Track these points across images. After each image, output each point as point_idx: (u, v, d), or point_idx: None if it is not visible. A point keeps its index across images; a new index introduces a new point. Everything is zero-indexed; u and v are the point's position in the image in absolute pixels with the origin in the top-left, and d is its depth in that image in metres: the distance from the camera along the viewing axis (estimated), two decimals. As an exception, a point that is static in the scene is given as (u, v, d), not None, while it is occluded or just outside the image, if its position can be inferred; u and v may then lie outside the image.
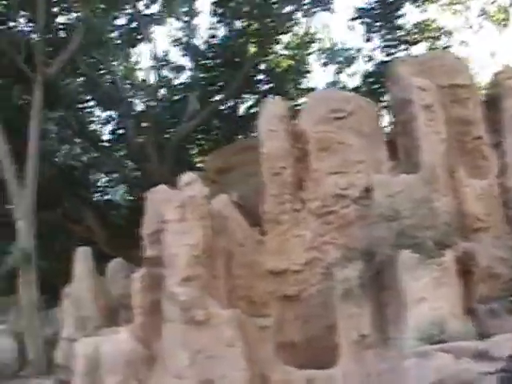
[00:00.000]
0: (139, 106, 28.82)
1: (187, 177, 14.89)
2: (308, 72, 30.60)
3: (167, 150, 25.74)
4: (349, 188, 16.30)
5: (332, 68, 32.27)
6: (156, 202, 14.96)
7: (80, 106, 28.59)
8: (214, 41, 28.23)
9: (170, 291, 13.68)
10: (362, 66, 30.69)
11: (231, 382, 13.01)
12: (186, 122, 26.11)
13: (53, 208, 23.00)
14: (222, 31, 28.67)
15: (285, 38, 29.71)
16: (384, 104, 24.16)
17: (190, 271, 13.51)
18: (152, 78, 28.81)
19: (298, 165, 16.57)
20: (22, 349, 18.88)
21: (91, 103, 29.38)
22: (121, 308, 17.24)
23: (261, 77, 29.34)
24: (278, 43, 29.02)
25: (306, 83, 30.71)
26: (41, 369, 18.24)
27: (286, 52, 30.19)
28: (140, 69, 30.99)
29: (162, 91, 29.23)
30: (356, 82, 30.78)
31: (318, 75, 43.00)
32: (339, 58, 31.62)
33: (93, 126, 30.14)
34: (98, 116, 30.50)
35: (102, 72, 28.17)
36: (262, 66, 29.50)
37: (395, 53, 27.22)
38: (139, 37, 28.58)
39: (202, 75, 28.33)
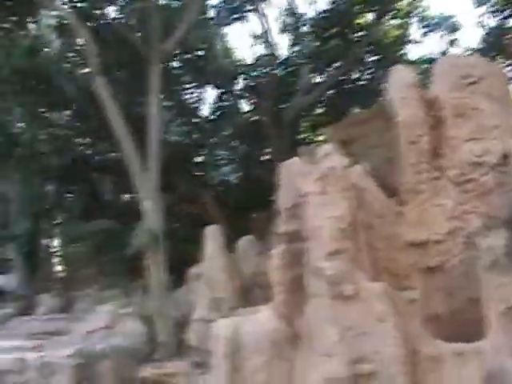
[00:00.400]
0: (246, 83, 28.41)
1: (326, 148, 14.43)
2: (415, 42, 29.84)
3: (284, 125, 25.38)
4: (485, 155, 15.64)
5: (434, 37, 31.49)
6: (291, 175, 14.55)
7: (186, 86, 28.28)
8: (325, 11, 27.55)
9: (315, 266, 13.21)
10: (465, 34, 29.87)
11: (384, 359, 12.50)
12: (300, 96, 25.71)
13: (168, 189, 22.83)
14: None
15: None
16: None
17: (336, 244, 13.03)
18: (261, 53, 28.44)
19: (432, 132, 15.96)
20: (150, 332, 18.73)
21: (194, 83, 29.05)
22: (255, 286, 16.94)
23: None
24: (389, 12, 28.26)
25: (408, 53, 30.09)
26: (172, 351, 18.06)
27: (393, 22, 29.39)
28: (235, 48, 30.68)
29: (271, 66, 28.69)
30: (459, 49, 30.01)
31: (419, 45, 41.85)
32: (443, 26, 30.74)
33: (198, 105, 29.85)
34: (196, 94, 30.25)
35: (205, 51, 27.82)
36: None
37: (508, 17, 26.33)
38: (237, 15, 28.23)
39: (314, 47, 27.80)
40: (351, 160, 15.17)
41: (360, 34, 26.96)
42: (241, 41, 48.03)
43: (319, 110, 29.60)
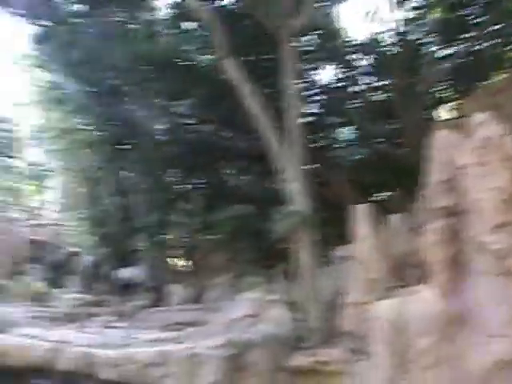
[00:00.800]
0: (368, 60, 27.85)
1: (480, 117, 13.83)
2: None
3: (412, 100, 24.83)
4: None
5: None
6: (442, 147, 14.04)
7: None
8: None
9: (478, 241, 12.69)
10: None
11: (560, 338, 11.91)
12: (427, 71, 25.09)
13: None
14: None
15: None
16: None
17: (501, 217, 12.45)
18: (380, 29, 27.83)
19: None
20: (300, 318, 18.49)
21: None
22: (407, 266, 16.49)
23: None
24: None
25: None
26: (323, 338, 17.75)
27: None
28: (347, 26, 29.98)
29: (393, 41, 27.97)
30: None
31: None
32: None
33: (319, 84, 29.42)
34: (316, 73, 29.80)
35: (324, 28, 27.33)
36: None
37: None
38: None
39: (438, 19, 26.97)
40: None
41: (482, 2, 25.91)
42: (349, 18, 46.82)
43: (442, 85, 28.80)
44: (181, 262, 34.42)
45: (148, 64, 26.01)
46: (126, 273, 34.82)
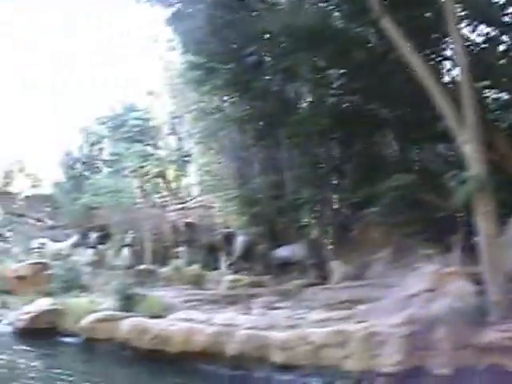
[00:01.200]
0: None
1: None
2: None
3: None
4: None
5: None
6: None
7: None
8: None
9: None
10: None
11: None
12: None
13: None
14: None
15: None
16: None
17: None
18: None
19: None
20: (480, 291, 17.86)
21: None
22: None
23: None
24: None
25: None
26: (508, 311, 17.06)
27: None
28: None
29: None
30: None
31: None
32: None
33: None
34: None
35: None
36: None
37: None
38: None
39: None
40: None
41: None
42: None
43: None
44: (338, 238, 33.94)
45: (293, 36, 25.54)
46: (283, 251, 34.66)
